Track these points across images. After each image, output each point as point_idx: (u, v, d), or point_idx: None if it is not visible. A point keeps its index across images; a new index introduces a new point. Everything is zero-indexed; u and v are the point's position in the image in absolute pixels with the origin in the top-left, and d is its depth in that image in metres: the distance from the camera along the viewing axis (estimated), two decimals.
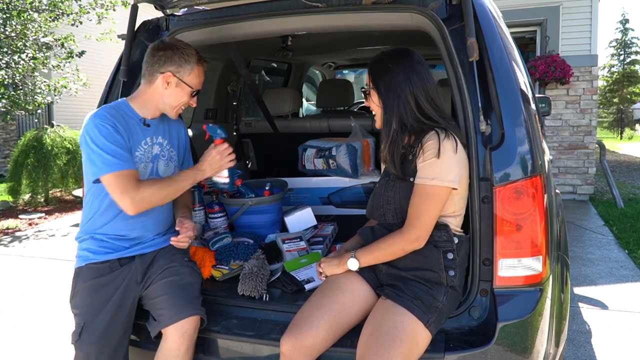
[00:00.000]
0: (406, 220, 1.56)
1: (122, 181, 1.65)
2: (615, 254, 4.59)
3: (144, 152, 1.82)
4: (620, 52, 33.09)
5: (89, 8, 7.53)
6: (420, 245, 1.55)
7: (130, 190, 1.65)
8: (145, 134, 1.83)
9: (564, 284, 1.81)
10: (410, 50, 1.69)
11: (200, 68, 1.85)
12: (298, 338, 1.53)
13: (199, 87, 1.87)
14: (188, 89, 1.83)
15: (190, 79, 1.83)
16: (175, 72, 1.79)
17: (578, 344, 2.87)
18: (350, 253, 1.65)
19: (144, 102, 1.84)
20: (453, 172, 1.52)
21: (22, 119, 11.09)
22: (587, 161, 7.07)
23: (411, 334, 1.46)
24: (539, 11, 6.95)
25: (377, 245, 1.61)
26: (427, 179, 1.53)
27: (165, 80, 1.79)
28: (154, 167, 1.87)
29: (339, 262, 1.68)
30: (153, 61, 1.80)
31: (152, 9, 2.03)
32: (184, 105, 1.88)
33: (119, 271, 1.77)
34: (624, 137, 24.42)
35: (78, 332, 1.70)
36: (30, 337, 3.13)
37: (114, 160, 1.65)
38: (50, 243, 5.51)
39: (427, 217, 1.52)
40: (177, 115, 1.91)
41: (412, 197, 1.56)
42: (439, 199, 1.52)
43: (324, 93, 4.39)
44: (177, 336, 1.64)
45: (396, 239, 1.56)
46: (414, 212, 1.54)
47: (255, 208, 2.40)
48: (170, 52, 1.79)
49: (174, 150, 1.96)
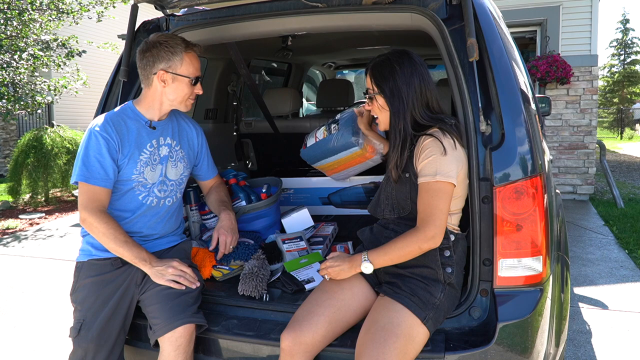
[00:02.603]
0: (419, 220, 1.56)
1: (86, 194, 1.73)
2: (616, 254, 4.59)
3: (150, 154, 1.83)
4: (620, 52, 33.06)
5: (90, 6, 7.53)
6: (437, 244, 1.53)
7: (88, 207, 1.71)
8: (151, 137, 1.84)
9: (564, 284, 1.81)
10: (409, 52, 1.69)
11: (190, 54, 1.81)
12: (298, 334, 1.54)
13: (196, 73, 1.83)
14: (185, 79, 1.81)
15: (184, 70, 1.80)
16: (167, 69, 1.78)
17: (578, 344, 2.87)
18: (362, 255, 1.60)
19: (149, 105, 1.85)
20: (453, 169, 1.53)
21: (22, 119, 11.10)
22: (587, 161, 7.07)
23: (407, 329, 1.46)
24: (539, 11, 6.95)
25: (392, 246, 1.57)
26: (430, 176, 1.53)
27: (161, 79, 1.79)
28: (163, 169, 1.88)
29: (350, 266, 1.62)
30: (143, 64, 1.79)
31: (152, 9, 2.03)
32: (190, 97, 1.86)
33: (120, 270, 1.78)
34: (624, 137, 24.41)
35: (77, 328, 1.70)
36: (30, 337, 3.13)
37: (87, 173, 1.72)
38: (50, 243, 5.51)
39: (439, 212, 1.52)
40: (190, 107, 1.89)
41: (420, 197, 1.56)
42: (446, 193, 1.53)
43: (324, 93, 4.39)
44: (172, 349, 1.63)
45: (412, 238, 1.54)
46: (425, 210, 1.54)
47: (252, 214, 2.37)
48: (155, 50, 1.77)
49: (184, 152, 1.96)
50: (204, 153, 2.09)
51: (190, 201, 2.33)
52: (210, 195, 2.16)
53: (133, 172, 1.79)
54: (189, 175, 2.04)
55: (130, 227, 1.84)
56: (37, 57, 6.89)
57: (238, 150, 3.78)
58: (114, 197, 1.80)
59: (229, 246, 1.97)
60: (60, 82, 7.32)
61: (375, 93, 1.68)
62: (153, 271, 1.74)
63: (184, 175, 1.98)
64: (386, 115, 1.69)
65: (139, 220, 1.85)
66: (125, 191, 1.81)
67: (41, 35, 7.05)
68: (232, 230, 1.99)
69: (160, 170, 1.86)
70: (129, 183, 1.80)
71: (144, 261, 1.73)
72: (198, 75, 1.84)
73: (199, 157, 2.08)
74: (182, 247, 1.98)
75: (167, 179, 1.90)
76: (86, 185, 1.73)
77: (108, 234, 1.70)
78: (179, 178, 1.95)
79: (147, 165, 1.82)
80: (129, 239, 1.74)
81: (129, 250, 1.71)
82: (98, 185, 1.73)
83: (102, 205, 1.74)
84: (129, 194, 1.82)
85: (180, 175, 1.95)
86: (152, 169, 1.84)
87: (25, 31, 6.81)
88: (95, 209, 1.71)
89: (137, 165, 1.80)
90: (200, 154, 2.08)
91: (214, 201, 2.12)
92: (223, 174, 2.61)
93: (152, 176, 1.84)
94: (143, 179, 1.82)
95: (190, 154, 2.02)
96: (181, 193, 2.00)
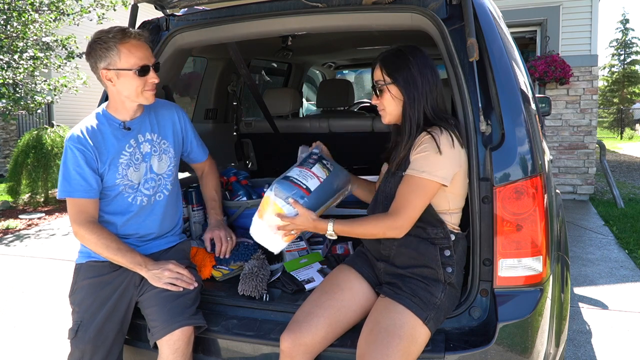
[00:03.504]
0: (392, 207, 1.56)
1: (72, 208, 1.74)
2: (616, 254, 4.59)
3: (130, 155, 1.81)
4: (620, 52, 33.04)
5: (90, 8, 7.53)
6: (401, 234, 1.55)
7: (77, 221, 1.73)
8: (127, 138, 1.81)
9: (564, 284, 1.81)
10: (420, 47, 1.69)
11: (127, 44, 1.69)
12: (298, 336, 1.54)
13: (140, 63, 1.71)
14: (129, 72, 1.70)
15: (124, 63, 1.70)
16: (107, 66, 1.71)
17: (578, 344, 2.87)
18: (328, 223, 1.59)
19: (116, 106, 1.82)
20: (445, 168, 1.52)
21: (22, 119, 11.09)
22: (587, 161, 7.07)
23: (410, 330, 1.46)
24: (539, 11, 6.95)
25: (359, 223, 1.59)
26: (418, 171, 1.53)
27: (107, 79, 1.74)
28: (147, 166, 1.86)
29: (314, 229, 1.62)
30: (90, 67, 1.74)
31: (152, 9, 2.03)
32: (146, 88, 1.76)
33: (118, 272, 1.78)
34: (624, 137, 24.40)
35: (75, 329, 1.70)
36: (30, 337, 3.13)
37: (69, 187, 1.73)
38: (51, 243, 5.51)
39: (412, 208, 1.52)
40: (151, 98, 1.80)
41: (400, 186, 1.57)
42: (426, 192, 1.52)
43: (324, 93, 4.39)
44: (170, 352, 1.62)
45: (380, 222, 1.56)
46: (400, 201, 1.55)
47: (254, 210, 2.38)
48: (92, 51, 1.72)
49: (167, 142, 1.92)
50: (190, 134, 2.04)
51: (192, 201, 2.33)
52: (203, 185, 2.17)
53: (116, 176, 1.78)
54: (178, 166, 2.00)
55: (125, 229, 1.83)
56: (37, 57, 6.89)
57: (238, 150, 3.78)
58: (103, 203, 1.80)
59: (225, 238, 1.99)
60: (60, 82, 7.32)
61: (387, 83, 1.65)
62: (149, 274, 1.74)
63: (172, 166, 1.94)
64: (397, 106, 1.66)
65: (133, 221, 1.84)
66: (114, 196, 1.81)
67: (42, 36, 7.05)
68: (224, 229, 2.05)
69: (145, 168, 1.85)
70: (115, 188, 1.80)
71: (139, 265, 1.73)
72: (145, 64, 1.72)
73: (186, 141, 2.03)
74: (180, 247, 1.98)
75: (155, 174, 1.87)
76: (71, 200, 1.74)
77: (100, 243, 1.71)
78: (166, 171, 1.92)
79: (129, 166, 1.80)
80: (122, 245, 1.74)
81: (123, 256, 1.72)
82: (82, 197, 1.73)
83: (90, 216, 1.74)
84: (118, 198, 1.81)
85: (167, 168, 1.92)
86: (136, 169, 1.82)
87: (25, 32, 6.81)
88: (83, 221, 1.73)
89: (119, 169, 1.78)
90: (186, 137, 2.03)
91: (206, 195, 2.15)
92: (223, 173, 2.61)
93: (137, 176, 1.83)
94: (128, 181, 1.81)
95: (177, 141, 1.97)
96: (172, 186, 1.95)
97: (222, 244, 2.01)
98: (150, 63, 1.75)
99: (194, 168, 2.19)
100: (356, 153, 3.13)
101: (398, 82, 1.64)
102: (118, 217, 1.83)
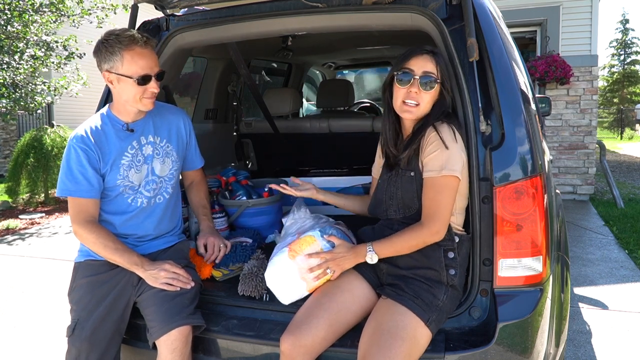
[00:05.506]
0: (424, 215, 1.56)
1: (73, 207, 1.75)
2: (616, 254, 4.59)
3: (132, 157, 1.81)
4: (620, 52, 33.06)
5: (91, 10, 7.53)
6: (441, 238, 1.55)
7: (77, 220, 1.74)
8: (130, 139, 1.82)
9: (564, 284, 1.81)
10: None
11: (132, 51, 1.67)
12: (298, 337, 1.53)
13: (141, 72, 1.69)
14: (129, 79, 1.69)
15: (126, 69, 1.68)
16: (110, 69, 1.71)
17: (578, 344, 2.86)
18: (367, 246, 1.60)
19: (119, 107, 1.82)
20: (457, 162, 1.53)
21: (22, 119, 11.09)
22: (587, 161, 7.07)
23: (412, 332, 1.46)
24: (539, 11, 6.95)
25: (397, 238, 1.58)
26: (436, 171, 1.54)
27: (108, 80, 1.74)
28: (149, 168, 1.86)
29: (354, 255, 1.62)
30: (97, 65, 1.73)
31: (152, 9, 2.03)
32: (145, 96, 1.74)
33: (116, 271, 1.78)
34: (624, 137, 24.41)
35: (72, 327, 1.71)
36: (30, 337, 3.13)
37: (71, 186, 1.73)
38: (51, 243, 5.51)
39: (444, 208, 1.53)
40: (150, 105, 1.78)
41: (425, 192, 1.57)
42: (450, 188, 1.54)
43: (324, 93, 4.40)
44: (168, 352, 1.62)
45: (417, 232, 1.55)
46: (430, 206, 1.55)
47: (254, 209, 2.40)
48: (98, 51, 1.71)
49: (171, 146, 1.93)
50: (192, 142, 2.05)
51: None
52: (192, 192, 2.14)
53: (117, 177, 1.78)
54: (179, 170, 2.01)
55: (124, 229, 1.84)
56: (37, 57, 6.88)
57: (238, 150, 3.78)
58: (103, 202, 1.81)
59: (218, 246, 1.99)
60: (60, 82, 7.32)
61: (437, 81, 1.62)
62: (146, 275, 1.74)
63: (174, 170, 1.94)
64: (430, 104, 1.63)
65: (132, 222, 1.85)
66: (114, 196, 1.81)
67: (42, 36, 7.04)
68: (218, 236, 2.05)
69: (146, 170, 1.85)
70: (116, 189, 1.80)
71: (136, 265, 1.74)
72: (146, 74, 1.70)
73: (189, 148, 2.04)
74: (179, 247, 1.98)
75: (156, 177, 1.88)
76: (72, 199, 1.75)
77: (98, 242, 1.72)
78: (168, 174, 1.92)
79: (130, 168, 1.80)
80: (119, 245, 1.75)
81: (120, 256, 1.73)
82: (84, 197, 1.74)
83: (90, 215, 1.75)
84: (118, 198, 1.82)
85: (169, 171, 1.92)
86: (137, 171, 1.82)
87: (25, 32, 6.81)
88: (83, 220, 1.73)
89: (120, 170, 1.78)
90: (189, 144, 2.04)
91: (195, 202, 2.13)
92: (222, 173, 2.61)
93: (138, 178, 1.83)
94: (129, 182, 1.81)
95: (180, 146, 1.97)
96: (173, 189, 1.96)
97: (215, 251, 2.00)
98: (152, 73, 1.73)
99: (185, 176, 2.17)
100: (356, 153, 3.13)
101: (444, 84, 1.63)
102: (117, 217, 1.83)
